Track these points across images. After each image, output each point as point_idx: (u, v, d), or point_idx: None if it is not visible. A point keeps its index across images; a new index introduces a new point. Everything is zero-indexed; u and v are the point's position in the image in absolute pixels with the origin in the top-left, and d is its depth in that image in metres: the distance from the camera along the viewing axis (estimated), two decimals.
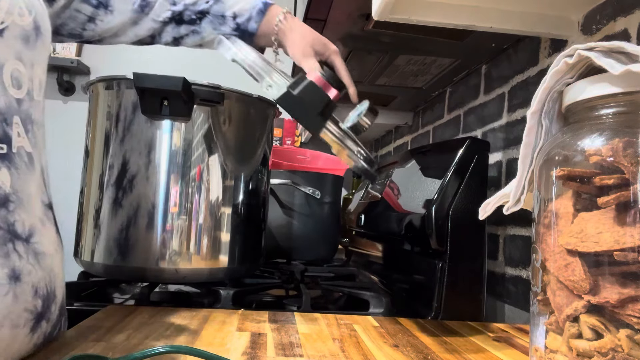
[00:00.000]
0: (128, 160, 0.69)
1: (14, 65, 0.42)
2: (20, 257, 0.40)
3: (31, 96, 0.44)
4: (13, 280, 0.39)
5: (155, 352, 0.39)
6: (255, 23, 0.67)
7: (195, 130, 0.70)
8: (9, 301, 0.38)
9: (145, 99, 0.65)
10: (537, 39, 0.76)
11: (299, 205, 1.07)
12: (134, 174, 0.69)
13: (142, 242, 0.68)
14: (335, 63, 0.67)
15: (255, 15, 0.67)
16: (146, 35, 0.67)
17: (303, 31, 0.66)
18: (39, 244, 0.43)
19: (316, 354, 0.47)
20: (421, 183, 0.82)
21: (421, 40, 0.84)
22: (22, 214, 0.41)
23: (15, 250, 0.40)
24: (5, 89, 0.40)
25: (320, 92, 0.61)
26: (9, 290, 0.38)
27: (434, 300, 0.70)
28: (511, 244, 0.79)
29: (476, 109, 0.96)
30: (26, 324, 0.40)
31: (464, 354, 0.50)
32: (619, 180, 0.33)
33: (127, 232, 0.68)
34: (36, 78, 0.45)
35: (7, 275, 0.38)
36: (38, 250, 0.42)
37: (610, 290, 0.33)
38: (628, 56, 0.35)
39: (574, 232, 0.35)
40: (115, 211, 0.69)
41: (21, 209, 0.41)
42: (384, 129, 1.62)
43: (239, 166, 0.73)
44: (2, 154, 0.40)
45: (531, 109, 0.42)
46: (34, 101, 0.44)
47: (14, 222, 0.40)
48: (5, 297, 0.38)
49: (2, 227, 0.39)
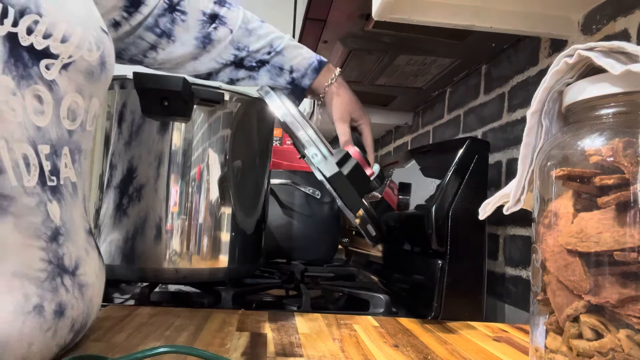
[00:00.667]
0: (128, 160, 0.69)
1: (72, 98, 0.41)
2: (67, 290, 0.40)
3: (84, 127, 0.44)
4: (58, 315, 0.39)
5: (155, 352, 0.39)
6: (309, 80, 0.70)
7: (195, 130, 0.70)
8: (49, 337, 0.38)
9: (145, 99, 0.65)
10: (537, 39, 0.76)
11: (299, 205, 1.07)
12: (134, 174, 0.69)
13: (142, 242, 0.68)
14: (364, 131, 0.75)
15: (309, 73, 0.70)
16: (204, 71, 0.68)
17: (346, 98, 0.72)
18: (83, 275, 0.43)
19: (316, 354, 0.47)
20: (421, 183, 0.82)
21: (421, 40, 0.84)
22: (69, 246, 0.41)
23: (63, 285, 0.40)
24: (59, 122, 0.40)
25: (363, 174, 0.67)
26: (51, 326, 0.38)
27: (434, 300, 0.70)
28: (511, 244, 0.79)
29: (476, 109, 0.96)
30: (51, 357, 0.40)
31: (464, 354, 0.50)
32: (619, 180, 0.33)
33: (127, 232, 0.68)
34: (92, 110, 0.45)
35: (53, 311, 0.38)
36: (82, 282, 0.42)
37: (610, 290, 0.33)
38: (628, 56, 0.35)
39: (574, 232, 0.35)
40: (115, 211, 0.69)
41: (69, 241, 0.41)
42: (384, 129, 1.62)
43: (239, 166, 0.73)
44: (52, 186, 0.39)
45: (531, 109, 0.41)
46: (85, 132, 0.44)
47: (63, 256, 0.40)
48: (47, 332, 0.38)
49: (53, 261, 0.39)
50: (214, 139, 0.71)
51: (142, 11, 0.61)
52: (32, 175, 0.37)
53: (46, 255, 0.38)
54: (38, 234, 0.37)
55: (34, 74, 0.38)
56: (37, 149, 0.38)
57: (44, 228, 0.38)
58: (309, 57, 0.70)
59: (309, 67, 0.70)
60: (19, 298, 0.35)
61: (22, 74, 0.37)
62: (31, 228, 0.37)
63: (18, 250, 0.36)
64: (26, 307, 0.36)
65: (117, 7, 0.59)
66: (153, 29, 0.63)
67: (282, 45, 0.68)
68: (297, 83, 0.70)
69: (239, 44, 0.67)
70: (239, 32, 0.67)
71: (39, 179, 0.38)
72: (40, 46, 0.38)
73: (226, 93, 0.71)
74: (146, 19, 0.62)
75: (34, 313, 0.36)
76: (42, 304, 0.37)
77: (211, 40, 0.65)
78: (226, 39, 0.66)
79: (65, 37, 0.40)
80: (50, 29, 0.39)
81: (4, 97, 0.35)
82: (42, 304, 0.37)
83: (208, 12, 0.65)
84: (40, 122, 0.38)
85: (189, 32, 0.65)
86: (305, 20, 0.83)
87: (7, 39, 0.36)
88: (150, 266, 0.68)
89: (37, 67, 0.38)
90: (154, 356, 0.39)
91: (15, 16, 0.36)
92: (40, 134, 0.38)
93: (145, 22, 0.62)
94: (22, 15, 0.37)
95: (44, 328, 0.37)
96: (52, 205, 0.39)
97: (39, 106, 0.38)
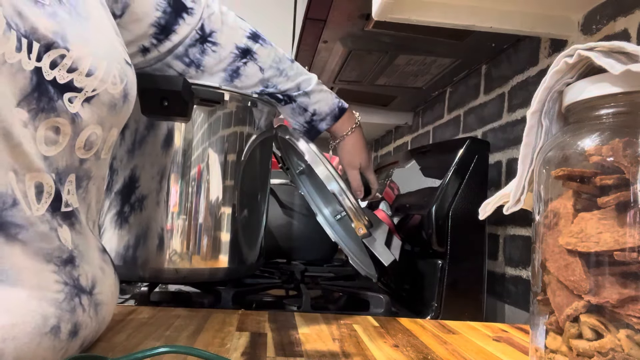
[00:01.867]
0: (128, 160, 0.69)
1: (93, 130, 0.41)
2: (84, 310, 0.40)
3: (98, 156, 0.44)
4: (72, 336, 0.39)
5: (155, 352, 0.39)
6: (327, 125, 0.74)
7: (195, 130, 0.70)
8: (59, 357, 0.38)
9: (145, 99, 0.65)
10: (537, 39, 0.76)
11: (299, 205, 1.07)
12: (134, 175, 0.69)
13: (142, 243, 0.68)
14: (368, 174, 0.81)
15: (329, 119, 0.74)
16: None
17: (359, 146, 0.78)
18: (100, 294, 0.43)
19: (316, 354, 0.47)
20: (421, 183, 0.82)
21: (421, 40, 0.84)
22: (85, 266, 0.41)
23: (81, 305, 0.40)
24: (72, 151, 0.40)
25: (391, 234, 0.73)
26: (64, 347, 0.38)
27: (434, 300, 0.70)
28: (511, 244, 0.79)
29: (476, 109, 0.96)
30: None
31: (464, 354, 0.50)
32: (619, 180, 0.33)
33: (127, 232, 0.68)
34: (110, 140, 0.45)
35: (68, 331, 0.38)
36: (99, 301, 0.43)
37: (610, 290, 0.33)
38: (628, 56, 0.35)
39: (574, 232, 0.35)
40: (115, 211, 0.69)
41: (84, 262, 0.41)
42: (384, 129, 1.62)
43: (239, 166, 0.73)
44: (66, 212, 0.40)
45: (531, 109, 0.41)
46: (100, 160, 0.44)
47: (79, 277, 0.40)
48: (59, 352, 0.38)
49: (69, 282, 0.39)
50: (214, 139, 0.71)
51: (172, 39, 0.62)
52: (43, 203, 0.37)
53: (60, 278, 0.38)
54: (49, 259, 0.38)
55: (58, 107, 0.38)
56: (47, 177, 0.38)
57: (57, 252, 0.38)
58: (331, 103, 0.73)
59: (330, 113, 0.74)
60: (37, 319, 0.36)
61: (44, 107, 0.37)
62: (41, 253, 0.37)
63: (30, 275, 0.36)
64: (44, 328, 0.36)
65: (147, 34, 0.60)
66: (182, 58, 0.64)
67: (309, 88, 0.71)
68: (315, 125, 0.74)
69: (268, 83, 0.69)
70: (269, 71, 0.69)
71: (50, 206, 0.38)
72: (64, 80, 0.38)
73: (226, 93, 0.71)
74: (176, 47, 0.63)
75: (50, 334, 0.37)
76: (59, 324, 0.37)
77: (239, 75, 0.67)
78: (256, 76, 0.68)
79: (90, 71, 0.40)
80: (77, 63, 0.39)
81: (16, 129, 0.35)
82: (59, 324, 0.37)
83: (241, 47, 0.66)
84: (49, 152, 0.38)
85: (219, 64, 0.66)
86: (305, 20, 0.83)
87: (34, 73, 0.36)
88: (150, 266, 0.68)
89: (62, 101, 0.38)
90: (154, 356, 0.39)
91: (40, 51, 0.36)
92: (47, 163, 0.38)
93: (176, 51, 0.63)
94: (47, 50, 0.37)
95: (57, 348, 0.37)
96: (63, 230, 0.39)
97: (54, 137, 0.38)
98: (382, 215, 0.74)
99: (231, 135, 0.73)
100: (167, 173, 0.69)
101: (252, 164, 0.76)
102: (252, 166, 0.76)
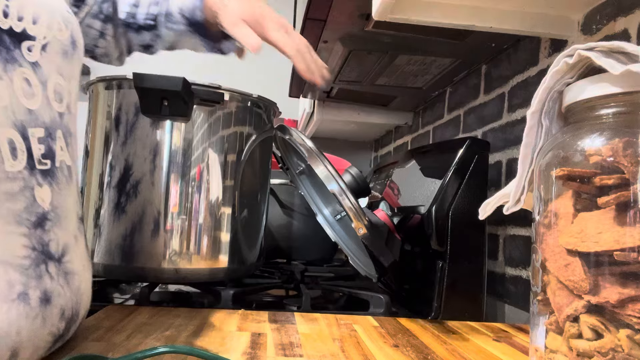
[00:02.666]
0: (129, 160, 0.69)
1: (56, 80, 0.42)
2: (52, 278, 0.39)
3: (70, 110, 0.44)
4: (44, 303, 0.38)
5: (155, 352, 0.39)
6: (200, 11, 0.66)
7: (195, 130, 0.70)
8: (37, 325, 0.38)
9: (145, 99, 0.65)
10: (537, 39, 0.76)
11: (299, 205, 1.07)
12: (135, 175, 0.69)
13: (142, 242, 0.68)
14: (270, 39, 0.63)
15: (198, 3, 0.66)
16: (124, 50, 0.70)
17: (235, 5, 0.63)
18: (70, 263, 0.42)
19: (316, 354, 0.47)
20: (421, 183, 0.82)
21: (421, 40, 0.84)
22: (58, 232, 0.41)
23: (48, 272, 0.39)
24: (50, 104, 0.41)
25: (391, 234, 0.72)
26: (38, 314, 0.38)
27: (434, 300, 0.70)
28: (511, 244, 0.79)
29: (476, 109, 0.96)
30: (45, 346, 0.40)
31: (464, 354, 0.50)
32: (619, 180, 0.33)
33: (127, 232, 0.68)
34: (73, 91, 0.45)
35: (38, 299, 0.38)
36: (68, 269, 0.42)
37: (610, 290, 0.33)
38: (628, 56, 0.35)
39: (574, 232, 0.35)
40: (115, 211, 0.69)
41: (57, 227, 0.41)
42: (384, 129, 1.62)
43: (238, 166, 0.73)
44: (45, 170, 0.39)
45: (531, 109, 0.41)
46: (71, 114, 0.44)
47: (49, 242, 0.40)
48: (34, 320, 0.37)
49: (37, 248, 0.38)
50: (214, 139, 0.71)
51: (87, 2, 0.64)
52: (19, 160, 0.37)
53: (29, 242, 0.37)
54: (19, 220, 0.37)
55: (18, 57, 0.38)
56: (26, 132, 0.38)
57: (26, 214, 0.37)
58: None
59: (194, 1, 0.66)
60: (2, 286, 0.35)
61: (7, 57, 0.37)
62: (10, 215, 0.36)
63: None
64: (10, 295, 0.35)
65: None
66: (98, 15, 0.65)
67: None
68: (193, 20, 0.66)
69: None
70: None
71: (27, 164, 0.38)
72: (19, 28, 0.39)
73: (226, 93, 0.71)
74: (92, 8, 0.64)
75: (19, 301, 0.36)
76: (26, 291, 0.37)
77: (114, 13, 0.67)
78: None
79: (35, 19, 0.40)
80: (20, 12, 0.39)
81: None
82: (26, 291, 0.37)
83: None
84: (32, 105, 0.38)
85: None
86: (305, 20, 0.83)
87: None
88: (150, 266, 0.68)
89: (20, 50, 0.38)
90: (154, 356, 0.39)
91: None
92: (33, 117, 0.38)
93: (91, 11, 0.64)
94: None
95: (30, 315, 0.37)
96: (42, 190, 0.39)
97: (29, 89, 0.39)
98: (382, 215, 0.74)
99: (231, 135, 0.73)
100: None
101: (252, 164, 0.76)
102: (252, 166, 0.76)
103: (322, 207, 0.84)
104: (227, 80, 0.70)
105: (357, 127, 1.54)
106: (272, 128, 0.80)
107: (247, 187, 0.75)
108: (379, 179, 1.08)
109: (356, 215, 0.64)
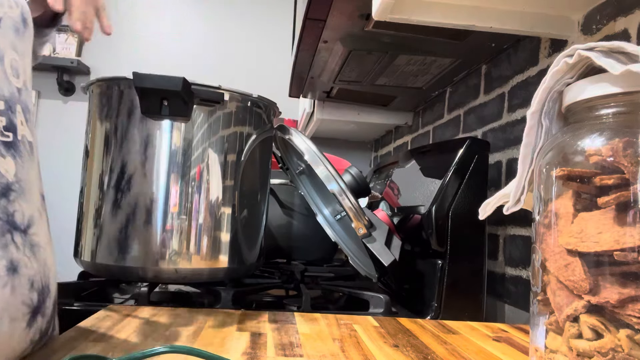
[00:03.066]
0: (128, 160, 0.69)
1: (11, 55, 0.43)
2: (17, 248, 0.40)
3: (26, 86, 0.45)
4: (11, 272, 0.38)
5: (155, 352, 0.39)
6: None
7: (195, 130, 0.70)
8: (7, 294, 0.38)
9: (145, 99, 0.65)
10: (537, 39, 0.76)
11: (299, 205, 1.07)
12: (135, 175, 0.69)
13: (142, 242, 0.68)
14: None
15: None
16: None
17: None
18: (35, 235, 0.42)
19: (316, 354, 0.47)
20: (421, 183, 0.82)
21: (421, 40, 0.84)
22: (22, 203, 0.41)
23: (14, 242, 0.39)
24: (7, 78, 0.41)
25: (391, 234, 0.72)
26: (7, 282, 0.38)
27: (434, 300, 0.70)
28: (511, 244, 0.79)
29: (476, 109, 0.96)
30: (23, 318, 0.40)
31: (464, 354, 0.50)
32: (619, 180, 0.33)
33: (128, 232, 0.68)
34: (28, 68, 0.46)
35: (5, 267, 0.38)
36: (34, 242, 0.42)
37: (610, 290, 0.33)
38: (628, 56, 0.35)
39: (574, 232, 0.35)
40: (115, 211, 0.69)
41: (22, 199, 0.41)
42: (384, 129, 1.62)
43: (238, 166, 0.73)
44: (8, 142, 0.40)
45: (531, 109, 0.41)
46: (28, 91, 0.45)
47: (14, 212, 0.40)
48: (3, 289, 0.37)
49: (2, 217, 0.38)
50: (214, 139, 0.71)
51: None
52: None
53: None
54: None
55: None
56: None
57: None
58: None
59: None
60: None
61: None
62: None
63: None
64: None
65: None
66: None
67: None
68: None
69: None
70: None
71: None
72: None
73: (226, 93, 0.71)
74: None
75: None
76: None
77: None
78: None
79: None
80: None
81: None
82: None
83: None
84: None
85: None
86: (305, 20, 0.83)
87: None
88: (150, 266, 0.68)
89: None
90: (153, 356, 0.39)
91: None
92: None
93: None
94: None
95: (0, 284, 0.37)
96: (5, 161, 0.39)
97: None
98: (382, 215, 0.74)
99: (231, 135, 0.73)
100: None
101: (252, 164, 0.76)
102: (252, 166, 0.76)
103: (322, 207, 0.84)
104: (227, 80, 0.70)
105: (357, 127, 1.54)
106: (272, 128, 0.80)
107: (247, 187, 0.75)
108: (379, 179, 1.08)
109: (356, 215, 0.64)
